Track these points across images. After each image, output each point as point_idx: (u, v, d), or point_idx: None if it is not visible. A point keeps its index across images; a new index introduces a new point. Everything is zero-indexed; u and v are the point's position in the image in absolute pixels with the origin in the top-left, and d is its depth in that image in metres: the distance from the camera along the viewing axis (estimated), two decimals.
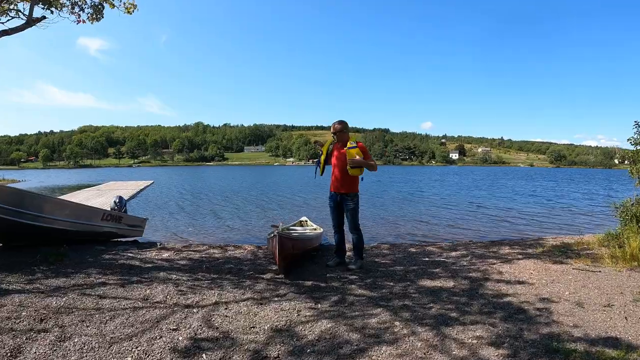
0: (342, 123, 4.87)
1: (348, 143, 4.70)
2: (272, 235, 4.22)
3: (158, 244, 6.99)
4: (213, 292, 3.77)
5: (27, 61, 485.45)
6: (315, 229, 7.20)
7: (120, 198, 7.82)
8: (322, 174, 5.01)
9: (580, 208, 15.47)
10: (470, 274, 4.62)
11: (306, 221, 8.01)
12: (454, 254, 5.98)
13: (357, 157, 4.57)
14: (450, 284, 4.21)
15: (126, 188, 22.58)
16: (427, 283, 4.21)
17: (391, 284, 4.17)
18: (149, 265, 4.76)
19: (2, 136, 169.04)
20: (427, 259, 5.57)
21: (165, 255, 5.44)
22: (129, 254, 5.39)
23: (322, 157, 4.97)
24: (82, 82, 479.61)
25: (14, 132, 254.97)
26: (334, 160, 4.88)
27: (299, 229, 7.31)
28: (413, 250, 6.35)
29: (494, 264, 5.20)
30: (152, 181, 31.42)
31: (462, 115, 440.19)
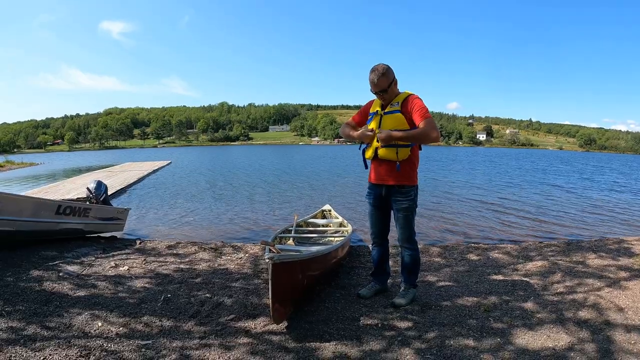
0: (385, 73, 2.84)
1: (388, 106, 2.94)
2: (266, 259, 2.41)
3: (138, 241, 5.54)
4: None
5: (50, 46, 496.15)
6: (341, 224, 5.59)
7: (99, 183, 6.34)
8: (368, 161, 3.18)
9: None
10: (582, 314, 2.92)
11: (330, 211, 6.38)
12: (531, 266, 4.30)
13: (394, 132, 2.80)
14: (563, 339, 2.51)
15: (140, 169, 21.46)
16: (528, 340, 2.50)
17: (471, 342, 2.46)
18: (81, 294, 3.17)
19: (28, 120, 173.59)
20: (500, 277, 3.87)
21: (124, 268, 3.89)
22: (70, 268, 3.85)
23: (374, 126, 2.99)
24: (106, 65, 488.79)
25: (40, 117, 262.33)
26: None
27: (320, 221, 5.72)
28: (473, 257, 4.66)
29: (599, 288, 3.56)
30: (169, 161, 30.36)
31: (489, 95, 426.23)
